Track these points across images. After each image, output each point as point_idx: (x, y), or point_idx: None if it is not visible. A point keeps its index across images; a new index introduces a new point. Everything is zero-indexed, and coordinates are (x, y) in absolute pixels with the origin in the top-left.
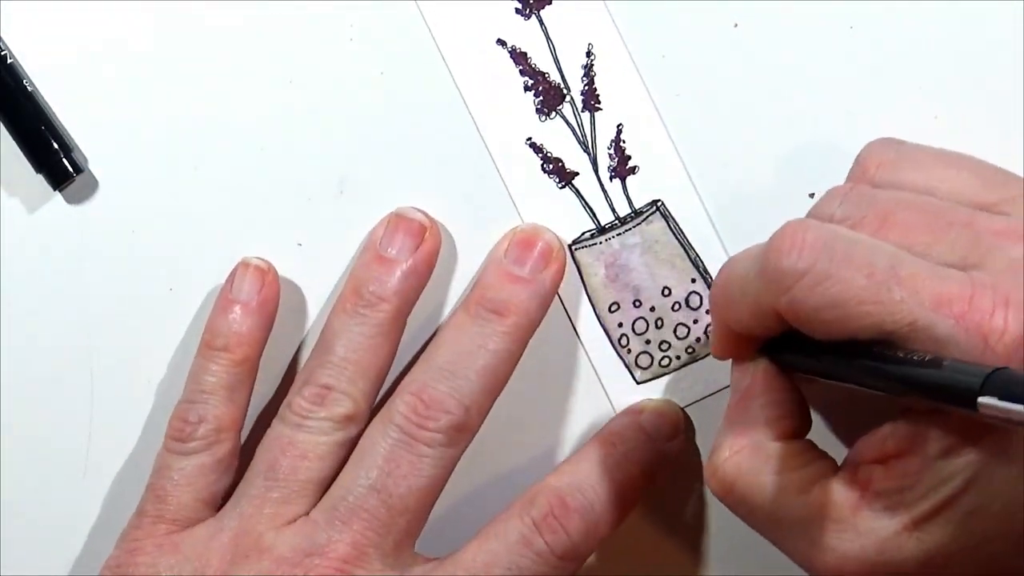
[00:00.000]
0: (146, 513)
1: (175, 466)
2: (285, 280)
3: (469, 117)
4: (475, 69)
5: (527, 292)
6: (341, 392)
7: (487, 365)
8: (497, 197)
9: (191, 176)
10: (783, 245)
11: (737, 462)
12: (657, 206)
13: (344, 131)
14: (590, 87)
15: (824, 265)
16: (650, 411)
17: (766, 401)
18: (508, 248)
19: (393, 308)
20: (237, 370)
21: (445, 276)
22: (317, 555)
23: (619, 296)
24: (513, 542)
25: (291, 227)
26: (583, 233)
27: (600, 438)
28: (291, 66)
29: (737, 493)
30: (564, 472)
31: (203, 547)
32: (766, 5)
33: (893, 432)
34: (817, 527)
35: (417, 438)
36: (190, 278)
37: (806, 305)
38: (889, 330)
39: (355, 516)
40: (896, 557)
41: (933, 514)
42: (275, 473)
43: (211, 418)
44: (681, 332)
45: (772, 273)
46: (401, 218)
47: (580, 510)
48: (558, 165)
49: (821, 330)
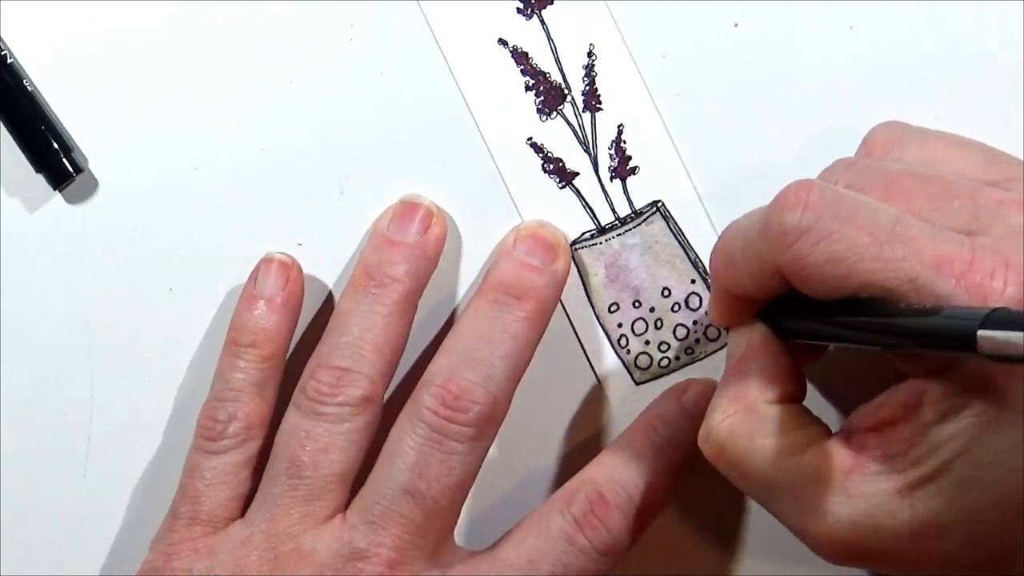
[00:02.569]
0: (180, 515)
1: (207, 465)
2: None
3: (470, 116)
4: (476, 69)
5: (542, 279)
6: (358, 373)
7: (510, 351)
8: (498, 197)
9: (191, 176)
10: (787, 202)
11: (731, 424)
12: (657, 207)
13: (344, 131)
14: (591, 87)
15: (827, 222)
16: (694, 391)
17: (762, 365)
18: (516, 241)
19: (405, 288)
20: (265, 366)
21: (451, 270)
22: (361, 560)
23: (619, 296)
24: (556, 539)
25: (291, 227)
26: (583, 233)
27: (642, 423)
28: (291, 66)
29: (730, 456)
30: (604, 464)
31: (238, 551)
32: (766, 5)
33: (888, 399)
34: (810, 491)
35: (447, 434)
36: (190, 278)
37: (808, 262)
38: (890, 287)
39: (391, 520)
40: (888, 523)
41: (926, 480)
42: (298, 470)
43: (241, 415)
44: (680, 333)
45: (775, 229)
46: (408, 204)
47: (620, 505)
48: (559, 165)
49: (822, 288)
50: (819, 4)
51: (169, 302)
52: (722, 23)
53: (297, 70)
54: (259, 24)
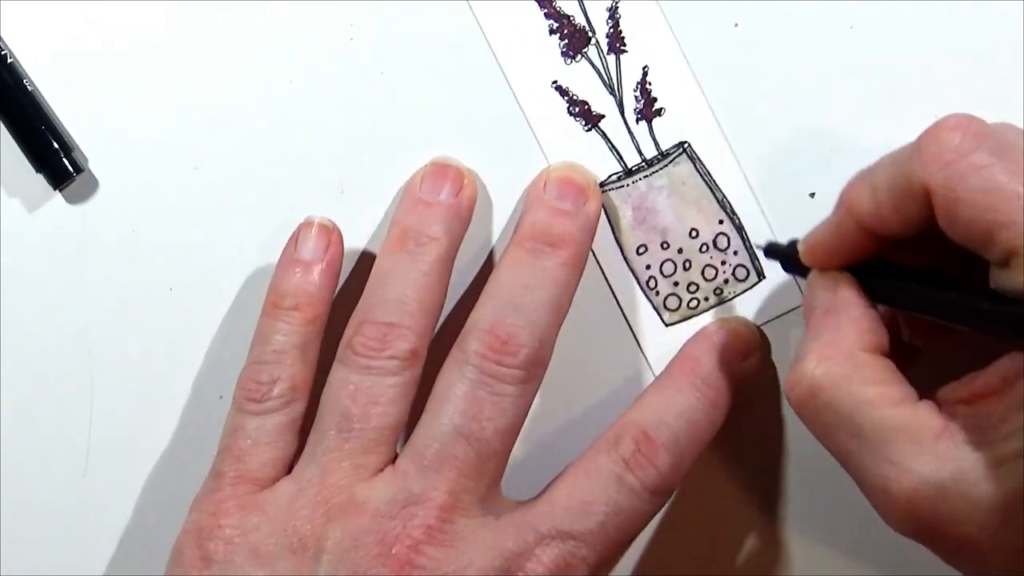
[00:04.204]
0: (224, 475)
1: (251, 426)
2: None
3: (495, 60)
4: (500, 12)
5: (575, 224)
6: (404, 327)
7: (551, 296)
8: (524, 141)
9: (191, 176)
10: (949, 124)
11: (827, 369)
12: (684, 148)
13: (344, 131)
14: (615, 30)
15: (987, 154)
16: (725, 331)
17: (857, 314)
18: (547, 186)
19: (443, 248)
20: (308, 329)
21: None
22: (415, 504)
23: (646, 238)
24: (606, 480)
25: (291, 227)
26: (610, 176)
27: (676, 364)
28: (291, 66)
29: (823, 400)
30: (645, 405)
31: (289, 507)
32: (766, 5)
33: (984, 373)
34: (899, 445)
35: (497, 376)
36: (190, 278)
37: (961, 185)
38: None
39: (445, 464)
40: (972, 491)
41: (1015, 456)
42: (348, 423)
43: (286, 377)
44: (709, 274)
45: (935, 147)
46: (439, 165)
47: (666, 444)
48: (584, 108)
49: (963, 219)
50: (819, 4)
51: (169, 302)
52: (722, 23)
53: (297, 70)
54: (259, 24)
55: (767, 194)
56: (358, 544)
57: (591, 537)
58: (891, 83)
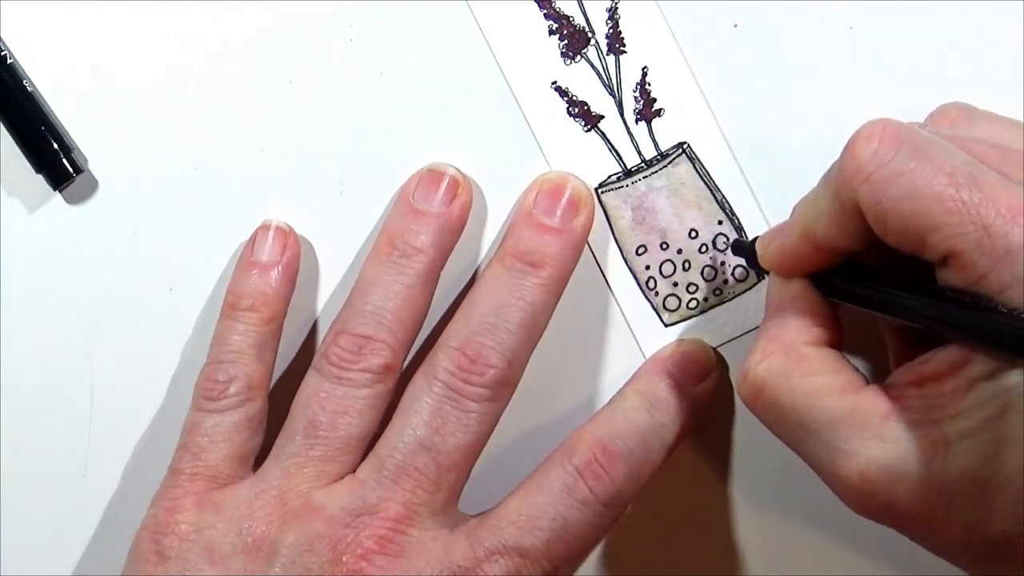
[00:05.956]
0: (181, 471)
1: (207, 423)
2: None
3: (494, 61)
4: (500, 12)
5: (560, 243)
6: (379, 341)
7: (525, 318)
8: (523, 142)
9: (191, 176)
10: (864, 133)
11: (769, 365)
12: (683, 148)
13: (344, 131)
14: (615, 30)
15: (905, 158)
16: (678, 354)
17: (801, 310)
18: (537, 198)
19: (429, 260)
20: (264, 329)
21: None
22: (369, 515)
23: (646, 239)
24: (557, 492)
25: (291, 227)
26: (609, 176)
27: (631, 386)
28: (291, 66)
29: (767, 396)
30: (602, 420)
31: (246, 507)
32: (766, 5)
33: (934, 357)
34: (844, 431)
35: (463, 393)
36: (190, 278)
37: (885, 195)
38: (962, 232)
39: (404, 474)
40: (921, 473)
41: (964, 435)
42: (315, 430)
43: (242, 376)
44: (708, 274)
45: (853, 161)
46: (434, 172)
47: (623, 455)
48: (583, 109)
49: (895, 226)
50: (819, 4)
51: (169, 302)
52: (722, 23)
53: (297, 70)
54: (259, 24)
55: (767, 194)
56: (311, 549)
57: (536, 553)
58: (891, 83)
